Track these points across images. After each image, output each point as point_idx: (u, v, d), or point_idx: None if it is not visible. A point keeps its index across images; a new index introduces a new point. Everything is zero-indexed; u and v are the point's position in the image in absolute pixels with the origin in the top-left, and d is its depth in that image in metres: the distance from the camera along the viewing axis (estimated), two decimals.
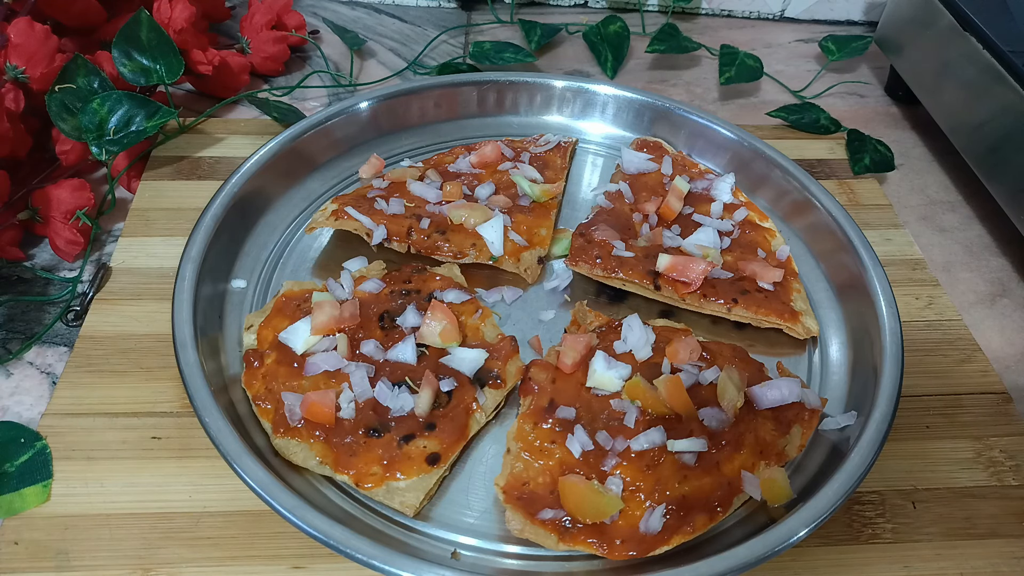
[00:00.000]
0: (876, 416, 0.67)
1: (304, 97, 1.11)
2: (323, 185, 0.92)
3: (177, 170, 0.94)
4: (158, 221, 0.87)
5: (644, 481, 0.63)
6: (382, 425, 0.66)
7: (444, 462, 0.65)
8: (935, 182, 1.07)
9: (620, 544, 0.60)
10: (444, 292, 0.77)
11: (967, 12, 0.97)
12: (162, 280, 0.80)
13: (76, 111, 0.85)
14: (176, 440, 0.68)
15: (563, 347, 0.72)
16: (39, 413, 0.71)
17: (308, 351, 0.71)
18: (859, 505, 0.68)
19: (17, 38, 0.84)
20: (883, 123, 1.16)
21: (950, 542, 0.66)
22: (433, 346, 0.72)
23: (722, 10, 1.37)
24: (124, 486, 0.65)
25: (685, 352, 0.71)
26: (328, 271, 0.83)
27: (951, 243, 0.98)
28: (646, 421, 0.66)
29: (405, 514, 0.63)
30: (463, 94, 1.01)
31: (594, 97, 1.02)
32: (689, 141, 0.99)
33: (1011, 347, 0.85)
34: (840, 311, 0.82)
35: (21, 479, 0.64)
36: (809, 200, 0.88)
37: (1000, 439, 0.73)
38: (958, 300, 0.89)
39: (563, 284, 0.83)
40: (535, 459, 0.65)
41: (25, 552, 0.60)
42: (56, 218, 0.83)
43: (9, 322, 0.79)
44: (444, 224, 0.83)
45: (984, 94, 0.94)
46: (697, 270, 0.78)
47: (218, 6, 1.16)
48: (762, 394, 0.68)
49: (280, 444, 0.65)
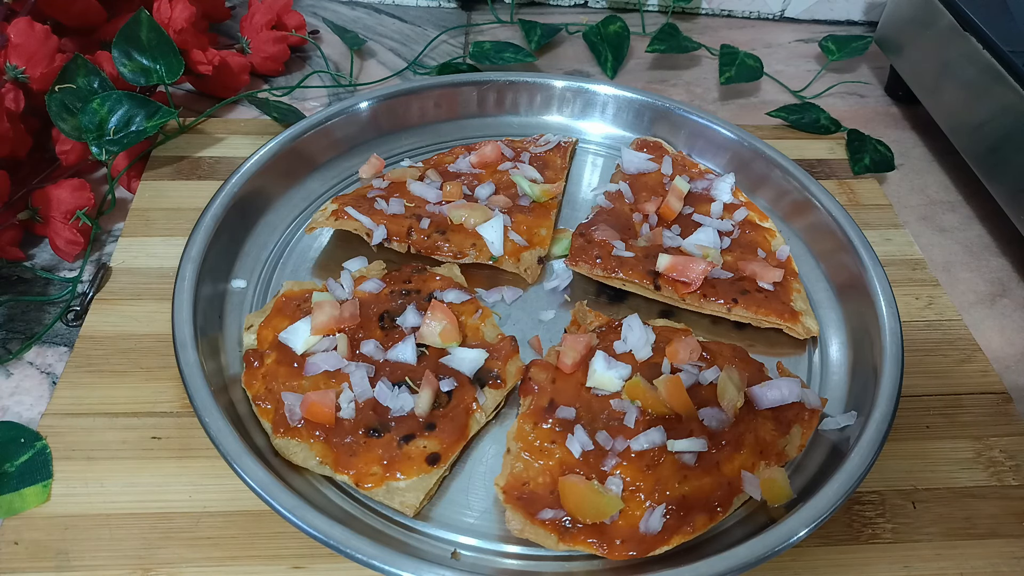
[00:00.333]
0: (876, 416, 0.67)
1: (304, 97, 1.11)
2: (323, 185, 0.92)
3: (177, 170, 0.94)
4: (158, 221, 0.87)
5: (644, 481, 0.63)
6: (382, 425, 0.66)
7: (444, 462, 0.65)
8: (935, 182, 1.07)
9: (620, 544, 0.60)
10: (444, 292, 0.77)
11: (967, 12, 0.97)
12: (162, 280, 0.80)
13: (76, 111, 0.85)
14: (176, 440, 0.68)
15: (563, 347, 0.72)
16: (39, 413, 0.71)
17: (308, 351, 0.71)
18: (859, 505, 0.68)
19: (17, 38, 0.84)
20: (883, 123, 1.16)
21: (950, 542, 0.66)
22: (433, 346, 0.72)
23: (722, 10, 1.37)
24: (124, 486, 0.65)
25: (685, 352, 0.71)
26: (328, 271, 0.83)
27: (951, 243, 0.98)
28: (646, 421, 0.66)
29: (405, 514, 0.63)
30: (463, 94, 1.01)
31: (594, 97, 1.02)
32: (689, 141, 0.99)
33: (1011, 347, 0.85)
34: (840, 311, 0.82)
35: (21, 479, 0.64)
36: (809, 200, 0.88)
37: (1000, 439, 0.74)
38: (958, 300, 0.89)
39: (563, 284, 0.83)
40: (535, 459, 0.65)
41: (25, 552, 0.60)
42: (56, 218, 0.83)
43: (9, 322, 0.79)
44: (444, 224, 0.83)
45: (984, 94, 0.94)
46: (697, 270, 0.78)
47: (218, 6, 1.16)
48: (762, 394, 0.68)
49: (280, 444, 0.65)
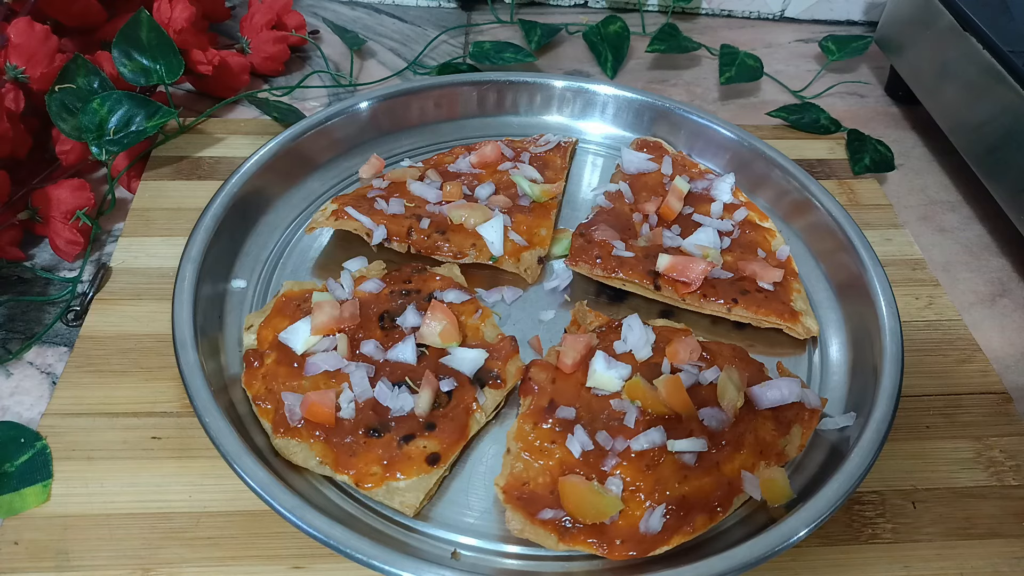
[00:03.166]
0: (876, 416, 0.67)
1: (304, 97, 1.11)
2: (323, 185, 0.92)
3: (177, 170, 0.94)
4: (158, 221, 0.87)
5: (644, 481, 0.63)
6: (382, 425, 0.66)
7: (444, 462, 0.65)
8: (935, 182, 1.07)
9: (620, 544, 0.60)
10: (444, 292, 0.77)
11: (967, 12, 0.97)
12: (162, 280, 0.80)
13: (76, 111, 0.85)
14: (176, 440, 0.68)
15: (563, 347, 0.72)
16: (39, 413, 0.71)
17: (308, 351, 0.71)
18: (859, 505, 0.68)
19: (17, 38, 0.84)
20: (883, 123, 1.16)
21: (950, 542, 0.66)
22: (433, 346, 0.72)
23: (722, 10, 1.37)
24: (124, 486, 0.65)
25: (685, 352, 0.71)
26: (328, 271, 0.83)
27: (951, 243, 0.98)
28: (646, 421, 0.66)
29: (405, 514, 0.63)
30: (463, 94, 1.01)
31: (594, 97, 1.02)
32: (689, 141, 0.99)
33: (1011, 347, 0.85)
34: (840, 311, 0.82)
35: (21, 479, 0.64)
36: (809, 200, 0.88)
37: (1000, 439, 0.74)
38: (958, 300, 0.89)
39: (563, 284, 0.83)
40: (535, 459, 0.65)
41: (25, 552, 0.60)
42: (56, 218, 0.83)
43: (9, 322, 0.79)
44: (444, 224, 0.83)
45: (984, 94, 0.94)
46: (697, 270, 0.78)
47: (218, 6, 1.16)
48: (762, 394, 0.68)
49: (280, 444, 0.65)
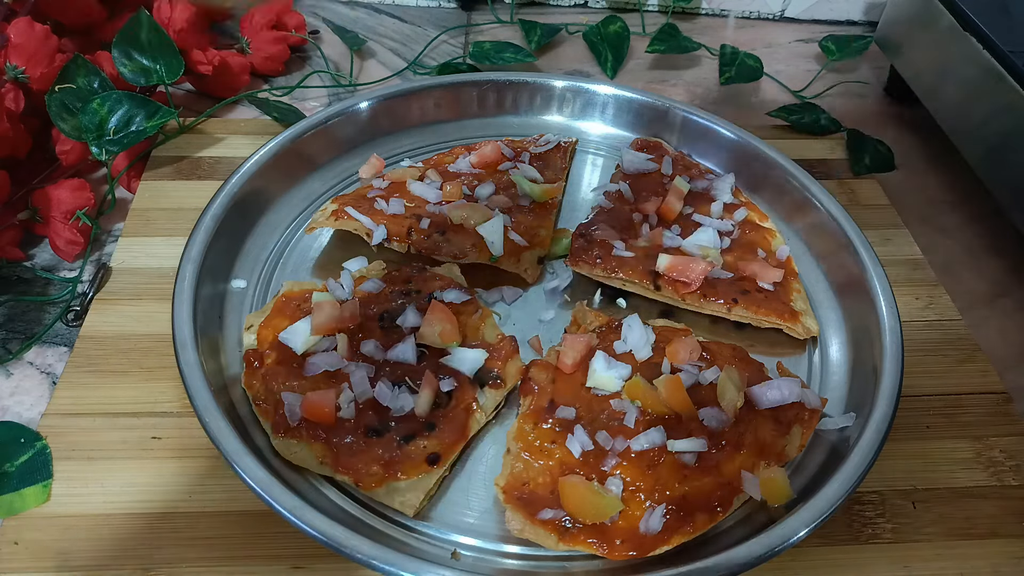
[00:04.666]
0: (876, 416, 0.67)
1: (304, 97, 1.11)
2: (323, 185, 0.92)
3: (177, 170, 0.94)
4: (158, 221, 0.87)
5: (644, 481, 0.63)
6: (382, 425, 0.66)
7: (444, 462, 0.65)
8: (935, 182, 1.07)
9: (620, 544, 0.60)
10: (444, 292, 0.77)
11: (967, 12, 0.97)
12: (162, 280, 0.80)
13: (76, 111, 0.85)
14: (176, 440, 0.68)
15: (563, 347, 0.72)
16: (39, 413, 0.71)
17: (308, 351, 0.71)
18: (859, 505, 0.68)
19: (17, 38, 0.84)
20: (883, 123, 1.16)
21: (950, 542, 0.66)
22: (433, 346, 0.72)
23: (722, 10, 1.37)
24: (124, 486, 0.65)
25: (685, 352, 0.71)
26: (328, 271, 0.83)
27: (951, 243, 0.98)
28: (646, 421, 0.66)
29: (405, 514, 0.63)
30: (463, 94, 1.01)
31: (594, 97, 1.02)
32: (689, 141, 0.99)
33: (1011, 347, 0.85)
34: (840, 311, 0.82)
35: (21, 479, 0.64)
36: (809, 200, 0.88)
37: (1000, 439, 0.73)
38: (958, 300, 0.89)
39: (563, 284, 0.83)
40: (535, 459, 0.65)
41: (25, 552, 0.60)
42: (56, 218, 0.83)
43: (9, 322, 0.79)
44: (444, 224, 0.83)
45: (984, 94, 0.94)
46: (697, 270, 0.78)
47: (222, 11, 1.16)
48: (762, 394, 0.68)
49: (280, 444, 0.65)
